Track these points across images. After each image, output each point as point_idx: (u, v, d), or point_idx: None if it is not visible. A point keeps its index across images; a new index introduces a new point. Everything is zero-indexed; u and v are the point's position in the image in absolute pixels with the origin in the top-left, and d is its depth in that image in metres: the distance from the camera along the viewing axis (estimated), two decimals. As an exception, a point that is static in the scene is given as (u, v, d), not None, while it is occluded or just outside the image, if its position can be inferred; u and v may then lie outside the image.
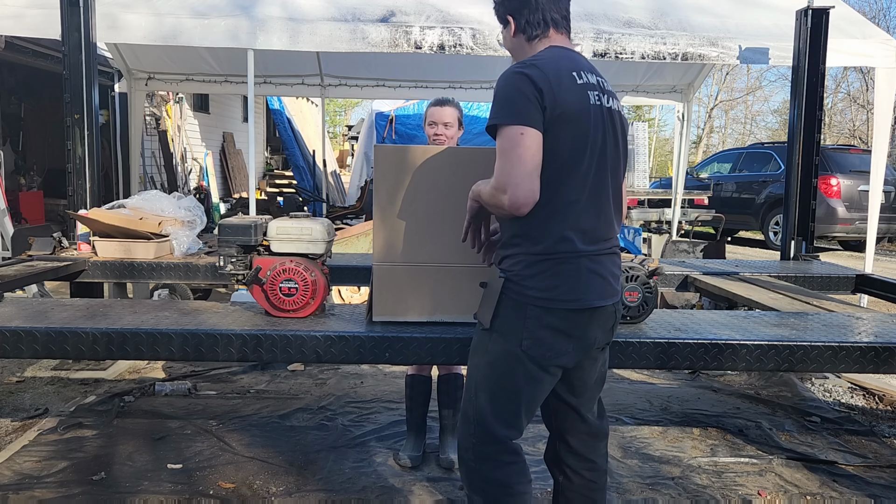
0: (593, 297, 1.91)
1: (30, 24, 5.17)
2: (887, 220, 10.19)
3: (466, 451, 2.00)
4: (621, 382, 4.33)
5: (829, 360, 2.53)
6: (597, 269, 1.92)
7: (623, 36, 5.42)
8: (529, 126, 1.79)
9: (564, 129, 1.83)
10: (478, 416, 1.97)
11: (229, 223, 2.71)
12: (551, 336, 1.89)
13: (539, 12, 1.98)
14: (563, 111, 1.82)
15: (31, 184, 10.11)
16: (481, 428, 1.96)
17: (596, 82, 1.95)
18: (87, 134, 4.47)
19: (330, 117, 29.89)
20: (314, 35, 5.29)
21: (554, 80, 1.83)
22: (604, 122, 1.93)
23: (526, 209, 1.81)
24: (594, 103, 1.90)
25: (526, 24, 2.00)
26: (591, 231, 1.91)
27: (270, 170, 16.36)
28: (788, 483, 3.00)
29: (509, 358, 1.92)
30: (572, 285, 1.88)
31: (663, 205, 9.70)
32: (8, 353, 2.50)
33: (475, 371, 2.01)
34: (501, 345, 1.93)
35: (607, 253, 1.97)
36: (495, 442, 1.96)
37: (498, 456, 1.96)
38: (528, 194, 1.79)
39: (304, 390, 4.04)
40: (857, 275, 4.18)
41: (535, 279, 1.88)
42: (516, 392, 1.94)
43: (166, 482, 2.88)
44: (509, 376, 1.93)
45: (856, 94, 24.08)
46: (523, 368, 1.92)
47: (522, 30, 2.01)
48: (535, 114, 1.80)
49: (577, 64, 1.94)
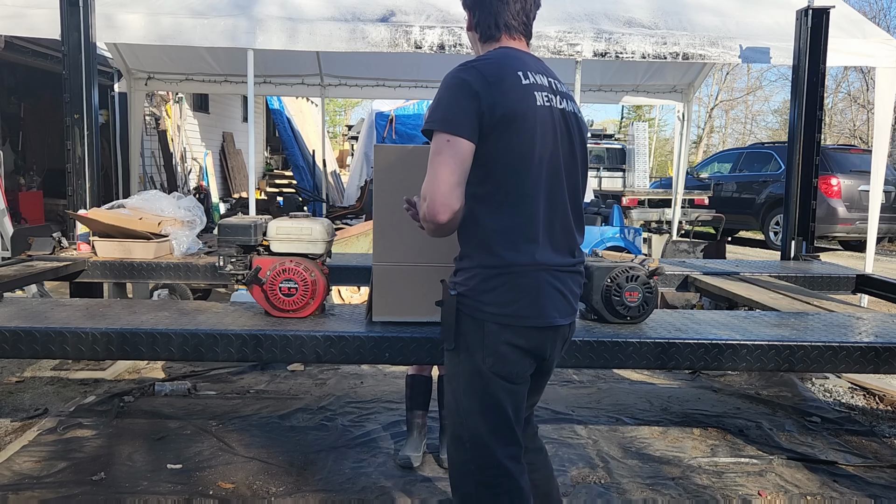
0: (555, 315, 1.84)
1: (29, 24, 5.18)
2: (888, 220, 10.18)
3: (464, 477, 1.89)
4: (621, 382, 4.33)
5: (829, 361, 2.53)
6: (557, 286, 1.84)
7: (623, 36, 5.42)
8: (457, 135, 1.71)
9: (508, 132, 1.75)
10: (474, 439, 1.85)
11: (229, 223, 2.70)
12: (513, 352, 1.81)
13: (492, 16, 1.90)
14: (505, 113, 1.73)
15: (30, 184, 10.11)
16: (481, 451, 1.86)
17: (546, 83, 1.85)
18: (86, 134, 4.47)
19: (330, 117, 29.90)
20: (314, 35, 5.29)
21: (494, 80, 1.75)
22: (555, 125, 1.83)
23: (443, 219, 1.70)
24: (542, 104, 1.80)
25: (478, 24, 1.94)
26: (549, 242, 1.82)
27: (270, 170, 16.35)
28: (789, 483, 3.00)
29: (482, 375, 1.83)
30: (531, 301, 1.79)
31: (663, 205, 9.69)
32: (8, 353, 2.50)
33: (456, 396, 1.88)
34: (470, 363, 1.84)
35: (569, 271, 1.88)
36: (497, 465, 1.85)
37: (499, 481, 1.86)
38: (444, 204, 1.69)
39: (304, 390, 4.04)
40: (858, 275, 4.18)
41: (492, 294, 1.79)
42: (502, 407, 1.85)
43: (166, 482, 2.88)
44: (489, 392, 1.84)
45: (856, 94, 24.08)
46: (498, 384, 1.83)
47: (475, 27, 1.95)
48: (465, 121, 1.72)
49: (524, 64, 1.84)
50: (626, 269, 2.61)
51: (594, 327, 2.62)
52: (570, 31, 5.41)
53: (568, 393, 4.09)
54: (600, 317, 2.66)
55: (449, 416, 1.95)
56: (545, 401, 3.91)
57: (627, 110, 29.78)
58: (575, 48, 5.40)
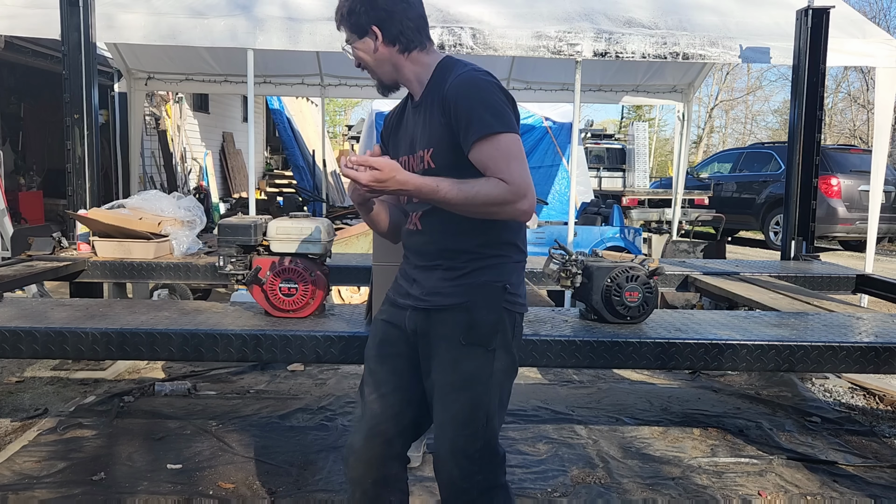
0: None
1: (29, 24, 5.17)
2: (888, 220, 10.19)
3: (470, 487, 1.82)
4: (621, 382, 4.33)
5: (829, 360, 2.52)
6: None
7: (623, 35, 5.42)
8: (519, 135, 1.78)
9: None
10: (489, 446, 1.82)
11: (229, 223, 2.70)
12: (522, 340, 1.98)
13: (413, 25, 1.86)
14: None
15: (30, 184, 10.11)
16: (492, 457, 1.83)
17: None
18: (86, 134, 4.47)
19: (330, 117, 29.90)
20: (314, 35, 5.29)
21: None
22: None
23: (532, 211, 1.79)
24: None
25: (400, 35, 1.84)
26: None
27: (270, 170, 16.36)
28: (789, 483, 3.00)
29: (511, 372, 1.87)
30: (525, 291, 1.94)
31: (663, 205, 9.71)
32: (8, 353, 2.50)
33: (486, 398, 1.81)
34: (504, 361, 1.83)
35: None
36: (502, 471, 1.87)
37: (502, 493, 1.87)
38: (534, 198, 1.76)
39: (304, 390, 4.04)
40: (858, 275, 4.18)
41: (521, 287, 1.88)
42: (507, 404, 1.92)
43: (166, 482, 2.88)
44: (509, 390, 1.89)
45: (856, 94, 24.11)
46: (514, 378, 1.92)
47: (394, 40, 1.85)
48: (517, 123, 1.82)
49: None
50: (626, 269, 2.61)
51: (594, 327, 2.62)
52: (570, 31, 5.41)
53: (568, 393, 4.09)
54: (600, 317, 2.66)
55: (464, 424, 1.81)
56: (545, 401, 3.91)
57: (627, 110, 29.80)
58: (575, 48, 5.40)
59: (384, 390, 1.93)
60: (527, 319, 2.63)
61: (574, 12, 5.62)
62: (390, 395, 1.92)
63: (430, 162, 1.82)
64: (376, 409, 1.92)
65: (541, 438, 3.38)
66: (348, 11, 1.87)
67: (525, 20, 5.45)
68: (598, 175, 14.89)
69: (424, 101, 1.86)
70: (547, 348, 2.47)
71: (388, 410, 1.92)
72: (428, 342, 1.86)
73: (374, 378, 1.96)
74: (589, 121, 20.11)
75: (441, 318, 1.83)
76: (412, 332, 1.90)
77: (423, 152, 1.84)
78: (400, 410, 1.92)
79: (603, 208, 8.03)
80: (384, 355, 1.96)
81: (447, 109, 1.77)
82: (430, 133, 1.83)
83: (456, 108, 1.75)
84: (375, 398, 1.93)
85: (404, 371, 1.93)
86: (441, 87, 1.80)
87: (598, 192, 11.81)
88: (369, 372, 1.98)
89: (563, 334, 2.50)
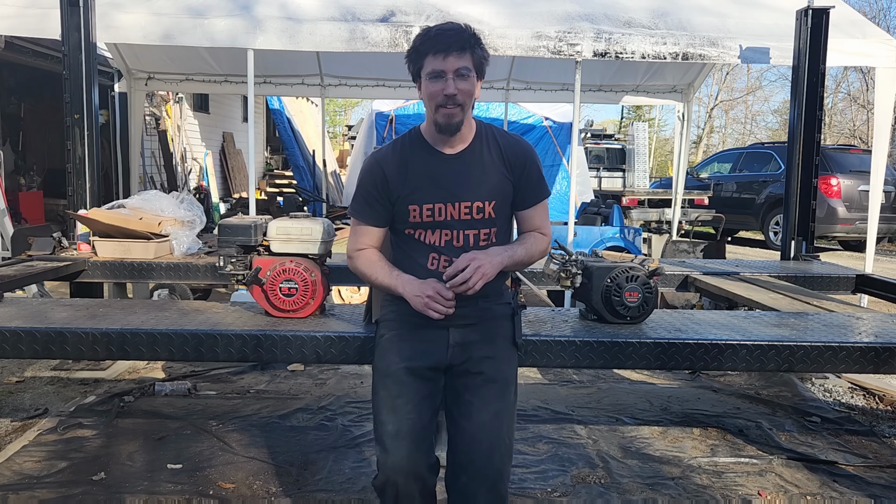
0: None
1: (29, 24, 5.17)
2: (887, 220, 10.19)
3: (507, 481, 2.04)
4: (621, 382, 4.33)
5: (829, 361, 2.52)
6: None
7: (623, 36, 5.42)
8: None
9: None
10: (511, 441, 2.08)
11: (229, 223, 2.70)
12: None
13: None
14: None
15: (30, 184, 10.11)
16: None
17: None
18: (86, 134, 4.47)
19: (330, 117, 29.89)
20: (314, 35, 5.29)
21: None
22: None
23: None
24: None
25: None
26: None
27: (270, 170, 16.36)
28: (789, 483, 3.00)
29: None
30: None
31: (663, 205, 9.70)
32: (8, 353, 2.50)
33: (513, 403, 2.10)
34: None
35: None
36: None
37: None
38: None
39: (304, 390, 4.04)
40: (858, 275, 4.18)
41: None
42: None
43: (166, 482, 2.88)
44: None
45: (856, 94, 24.10)
46: None
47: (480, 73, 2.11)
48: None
49: None
50: (626, 269, 2.61)
51: (594, 327, 2.62)
52: (570, 31, 5.41)
53: (568, 393, 4.09)
54: (600, 317, 2.66)
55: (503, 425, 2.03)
56: (545, 401, 3.91)
57: (627, 110, 29.79)
58: (575, 48, 5.40)
59: (416, 400, 1.98)
60: (527, 319, 2.64)
61: (574, 12, 5.62)
62: (420, 405, 1.98)
63: (492, 213, 2.05)
64: (415, 420, 1.95)
65: (541, 438, 3.38)
66: (481, 50, 2.06)
67: (525, 20, 5.44)
68: (598, 175, 14.88)
69: (473, 152, 2.06)
70: (547, 348, 2.46)
71: (422, 419, 1.97)
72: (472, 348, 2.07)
73: (405, 390, 1.98)
74: (589, 121, 20.10)
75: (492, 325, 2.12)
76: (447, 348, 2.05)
77: (485, 204, 2.04)
78: (430, 419, 2.00)
79: (603, 208, 8.03)
80: (412, 368, 2.02)
81: (513, 167, 2.06)
82: (490, 186, 2.05)
83: (526, 170, 2.08)
84: (411, 409, 1.96)
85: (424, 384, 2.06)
86: (493, 143, 2.06)
87: (598, 192, 11.80)
88: (399, 384, 1.99)
89: (563, 334, 2.50)
